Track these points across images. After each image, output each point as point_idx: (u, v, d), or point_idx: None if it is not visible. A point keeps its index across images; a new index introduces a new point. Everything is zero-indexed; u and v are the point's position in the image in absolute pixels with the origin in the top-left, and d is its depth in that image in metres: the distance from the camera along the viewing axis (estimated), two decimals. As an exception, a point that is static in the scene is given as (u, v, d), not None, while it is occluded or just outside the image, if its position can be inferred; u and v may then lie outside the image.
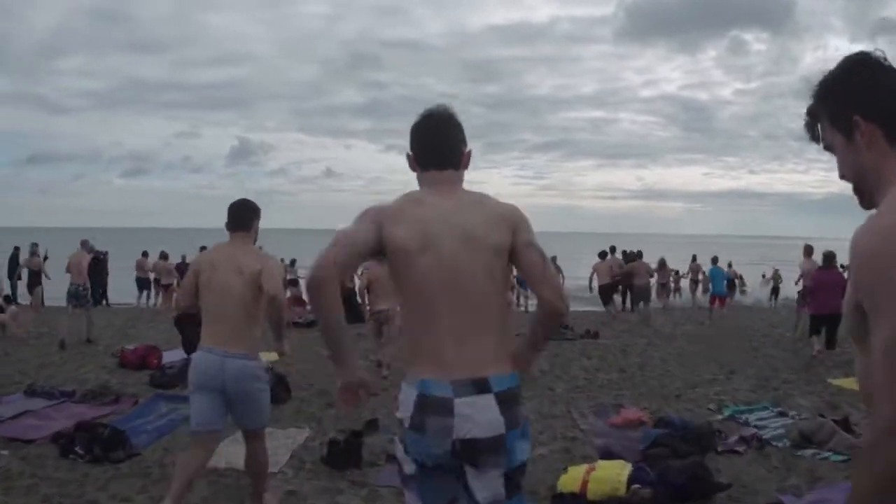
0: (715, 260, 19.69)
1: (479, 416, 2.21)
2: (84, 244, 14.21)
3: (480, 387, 2.24)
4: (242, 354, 4.02)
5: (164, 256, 20.73)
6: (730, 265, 24.13)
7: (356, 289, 11.78)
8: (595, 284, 18.82)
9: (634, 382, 9.32)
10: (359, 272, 11.18)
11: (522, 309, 18.45)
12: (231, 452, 5.23)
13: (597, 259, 19.37)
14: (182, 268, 19.11)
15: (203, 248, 23.55)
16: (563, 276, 17.92)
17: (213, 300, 4.11)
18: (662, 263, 21.68)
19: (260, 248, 4.65)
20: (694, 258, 24.05)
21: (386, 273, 9.86)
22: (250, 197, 4.41)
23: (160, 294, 20.28)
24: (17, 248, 19.94)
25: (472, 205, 2.40)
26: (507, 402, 2.26)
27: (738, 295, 24.48)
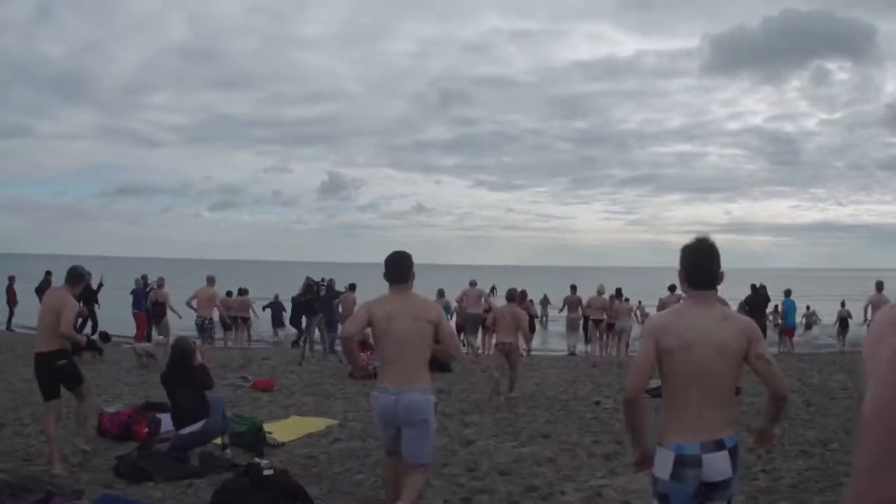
0: (788, 293, 19.48)
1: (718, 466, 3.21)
2: (210, 280, 14.97)
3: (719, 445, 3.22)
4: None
5: (242, 292, 20.47)
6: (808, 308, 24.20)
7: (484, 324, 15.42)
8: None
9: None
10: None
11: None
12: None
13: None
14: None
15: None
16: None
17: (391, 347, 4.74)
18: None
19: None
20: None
21: (509, 312, 11.60)
22: (340, 230, 5.52)
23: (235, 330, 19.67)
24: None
25: (723, 319, 3.32)
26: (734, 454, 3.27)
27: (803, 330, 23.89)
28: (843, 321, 22.33)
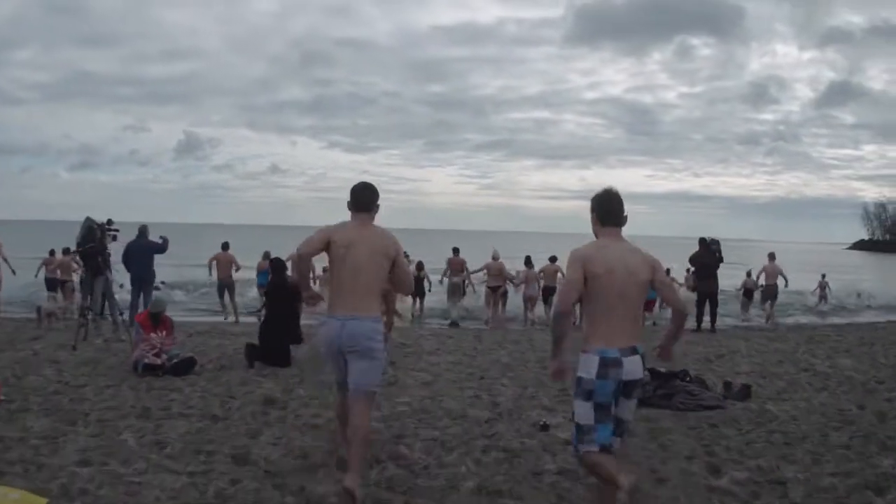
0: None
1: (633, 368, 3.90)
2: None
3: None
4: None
5: (66, 252, 17.65)
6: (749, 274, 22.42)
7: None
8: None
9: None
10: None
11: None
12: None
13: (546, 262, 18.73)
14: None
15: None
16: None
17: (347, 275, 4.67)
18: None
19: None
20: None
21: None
22: (196, 191, 4.74)
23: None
24: None
25: (632, 252, 4.05)
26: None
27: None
28: (749, 291, 21.96)
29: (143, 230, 13.91)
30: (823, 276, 25.76)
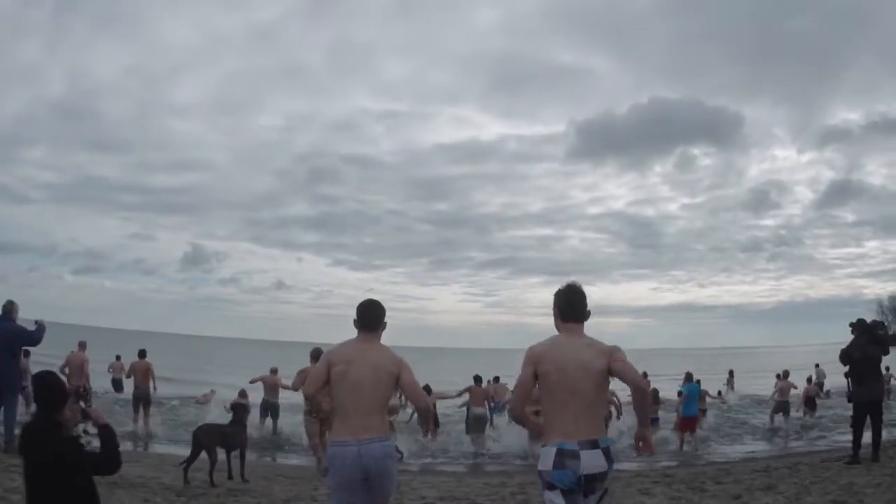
0: (689, 376, 16.44)
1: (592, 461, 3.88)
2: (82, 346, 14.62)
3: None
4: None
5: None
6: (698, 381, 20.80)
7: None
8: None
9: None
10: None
11: None
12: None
13: None
14: None
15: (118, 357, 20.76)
16: None
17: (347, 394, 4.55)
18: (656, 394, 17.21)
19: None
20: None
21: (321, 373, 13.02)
22: (201, 302, 4.70)
23: None
24: None
25: (587, 346, 4.07)
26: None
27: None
28: (811, 400, 20.68)
29: (7, 308, 9.71)
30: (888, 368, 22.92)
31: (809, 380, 22.01)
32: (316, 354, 10.37)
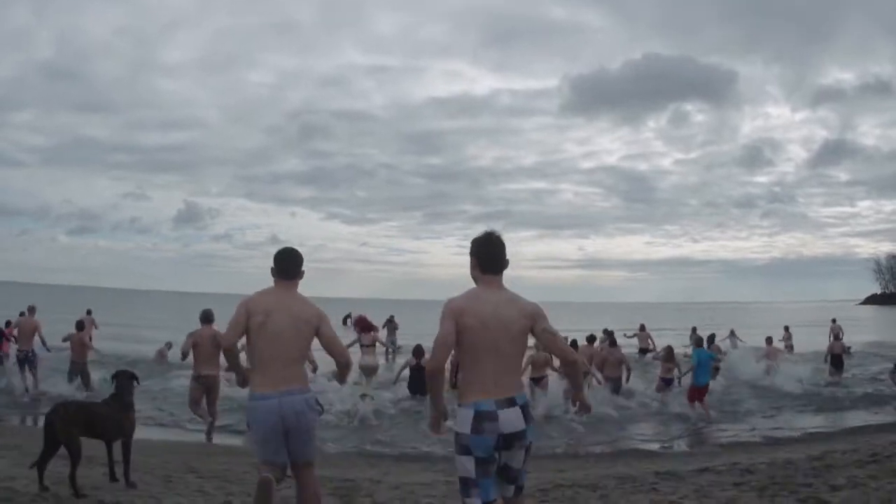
0: (699, 341, 14.81)
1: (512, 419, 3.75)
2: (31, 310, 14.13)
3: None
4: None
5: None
6: (711, 339, 18.43)
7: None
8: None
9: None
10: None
11: None
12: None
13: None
14: None
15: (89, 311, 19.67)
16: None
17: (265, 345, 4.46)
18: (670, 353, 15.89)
19: None
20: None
21: (211, 337, 10.32)
22: (195, 259, 4.83)
23: None
24: None
25: (510, 301, 3.90)
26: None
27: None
28: (837, 357, 19.44)
29: None
30: None
31: (837, 336, 21.12)
32: (205, 316, 10.37)
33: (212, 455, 8.86)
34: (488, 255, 3.96)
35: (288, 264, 4.68)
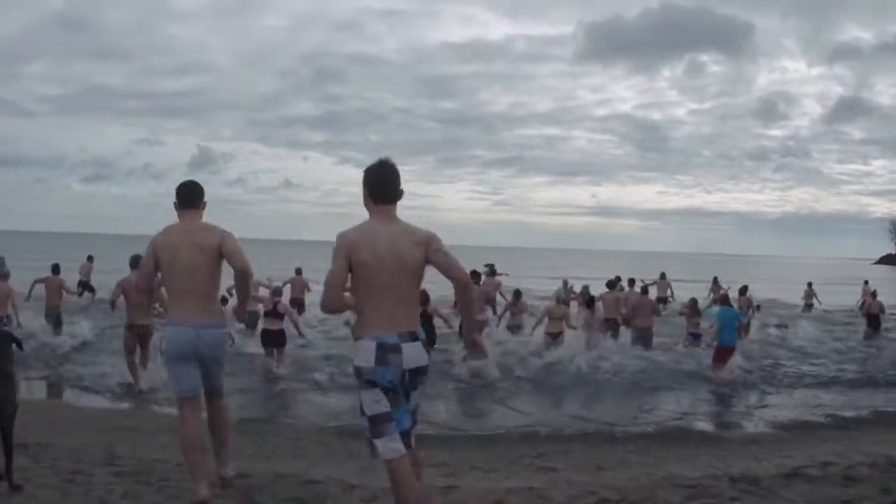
0: (725, 298, 13.68)
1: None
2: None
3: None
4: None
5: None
6: (743, 291, 17.58)
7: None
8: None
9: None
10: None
11: None
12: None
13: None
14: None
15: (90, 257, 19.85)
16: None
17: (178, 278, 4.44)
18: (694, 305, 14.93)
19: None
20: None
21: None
22: (209, 204, 4.68)
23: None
24: None
25: (404, 232, 3.71)
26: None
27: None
28: (874, 318, 18.12)
29: None
30: None
31: (874, 294, 19.71)
32: (134, 262, 9.81)
33: (149, 434, 7.09)
34: (381, 183, 3.74)
35: (188, 193, 4.63)
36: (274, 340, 11.68)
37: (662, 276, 24.17)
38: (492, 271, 18.59)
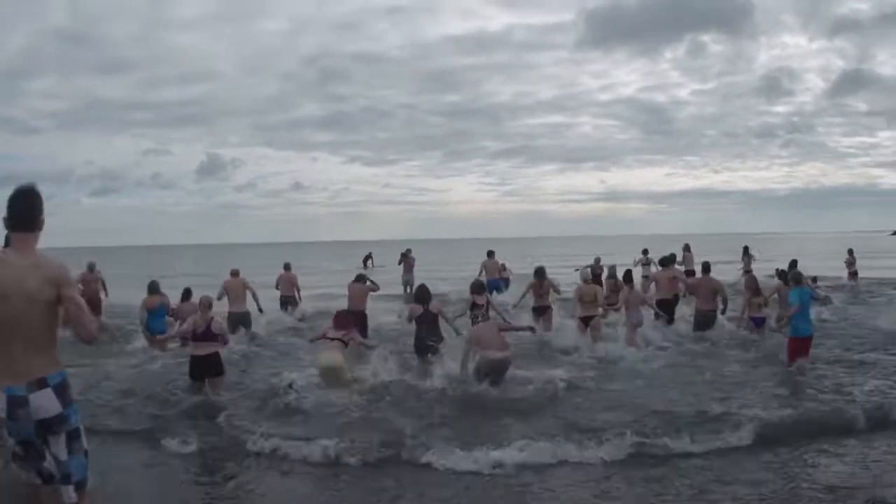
0: (798, 278, 10.52)
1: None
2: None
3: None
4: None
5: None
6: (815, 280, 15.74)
7: None
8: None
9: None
10: None
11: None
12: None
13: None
14: None
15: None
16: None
17: None
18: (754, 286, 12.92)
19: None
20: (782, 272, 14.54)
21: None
22: (220, 211, 3.96)
23: None
24: None
25: (35, 267, 3.33)
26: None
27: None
28: None
29: None
30: None
31: None
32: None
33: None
34: (15, 211, 3.43)
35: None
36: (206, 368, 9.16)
37: (687, 247, 22.81)
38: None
